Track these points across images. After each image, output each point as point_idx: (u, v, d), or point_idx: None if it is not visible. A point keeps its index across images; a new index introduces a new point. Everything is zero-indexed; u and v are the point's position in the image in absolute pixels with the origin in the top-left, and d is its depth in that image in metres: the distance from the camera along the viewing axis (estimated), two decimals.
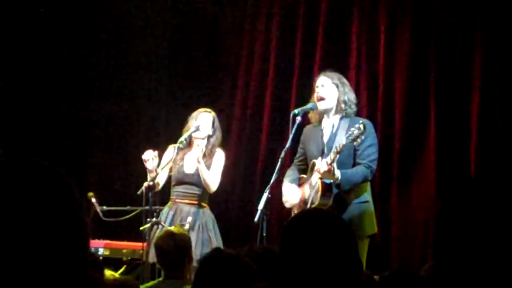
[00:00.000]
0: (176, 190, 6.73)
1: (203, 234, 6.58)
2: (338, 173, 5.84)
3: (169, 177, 6.80)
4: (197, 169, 6.66)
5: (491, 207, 2.22)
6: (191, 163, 6.73)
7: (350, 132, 5.76)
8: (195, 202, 6.67)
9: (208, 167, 6.67)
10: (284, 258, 2.51)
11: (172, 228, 6.01)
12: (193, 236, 6.39)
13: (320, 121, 6.28)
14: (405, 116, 7.54)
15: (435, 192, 7.26)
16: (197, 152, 6.57)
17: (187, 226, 6.37)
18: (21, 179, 1.37)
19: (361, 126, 5.70)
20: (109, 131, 8.57)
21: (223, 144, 7.00)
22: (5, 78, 8.21)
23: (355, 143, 5.79)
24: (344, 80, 6.29)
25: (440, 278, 2.18)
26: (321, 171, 5.83)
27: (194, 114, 6.79)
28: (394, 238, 7.46)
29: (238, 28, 8.48)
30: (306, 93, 7.67)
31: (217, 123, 6.81)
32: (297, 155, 6.47)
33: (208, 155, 6.72)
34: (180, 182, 6.71)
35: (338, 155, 5.80)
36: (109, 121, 8.53)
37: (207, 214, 6.68)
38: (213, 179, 6.65)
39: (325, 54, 7.87)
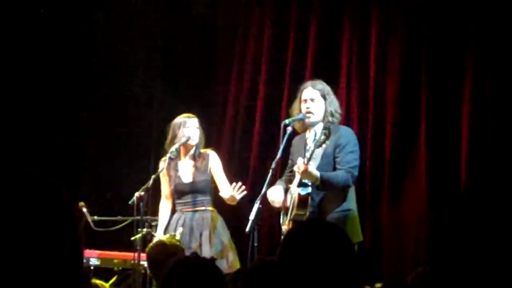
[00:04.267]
0: (180, 201, 6.76)
1: (214, 239, 6.61)
2: (317, 173, 5.88)
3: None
4: (195, 177, 6.69)
5: (483, 219, 2.26)
6: (187, 172, 6.75)
7: (317, 139, 5.84)
8: (203, 209, 6.70)
9: (202, 168, 6.71)
10: (282, 271, 2.53)
11: (163, 237, 6.04)
12: (205, 245, 6.46)
13: (305, 130, 6.31)
14: (396, 127, 7.55)
15: (426, 202, 7.26)
16: (229, 194, 6.53)
17: (178, 236, 6.38)
18: (15, 191, 1.38)
19: (326, 132, 5.77)
20: (101, 141, 8.56)
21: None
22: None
23: (322, 148, 5.86)
24: (329, 89, 6.33)
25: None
26: (300, 171, 5.87)
27: (180, 121, 6.76)
28: (385, 248, 7.46)
29: (230, 40, 8.49)
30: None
31: (200, 125, 6.84)
32: (288, 167, 6.51)
33: (198, 158, 6.75)
34: (182, 193, 6.73)
35: (312, 159, 5.84)
36: (101, 131, 8.52)
37: (216, 218, 6.71)
38: (226, 186, 6.67)
39: (316, 65, 7.89)
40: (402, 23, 7.60)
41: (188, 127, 6.71)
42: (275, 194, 6.24)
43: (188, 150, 6.79)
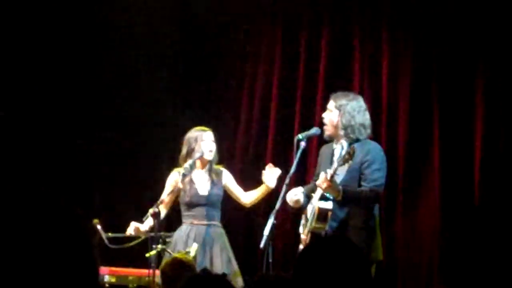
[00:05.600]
0: (191, 213, 6.74)
1: (223, 255, 6.62)
2: (340, 188, 5.80)
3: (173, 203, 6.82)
4: (210, 190, 6.72)
5: (496, 237, 2.25)
6: (203, 184, 6.77)
7: (342, 156, 5.76)
8: (214, 223, 6.71)
9: (217, 183, 6.75)
10: (297, 286, 2.53)
11: (177, 254, 6.03)
12: (217, 258, 6.47)
13: (333, 140, 6.24)
14: (408, 139, 7.54)
15: (439, 216, 7.26)
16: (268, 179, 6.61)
17: (193, 253, 6.37)
18: (28, 211, 1.36)
19: (351, 151, 5.68)
20: (114, 158, 8.56)
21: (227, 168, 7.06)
22: (8, 107, 8.22)
23: (346, 165, 5.77)
24: (353, 103, 6.15)
25: None
26: (322, 187, 5.82)
27: (196, 134, 6.78)
28: (400, 261, 7.44)
29: (241, 57, 8.49)
30: (309, 117, 7.72)
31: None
32: (315, 174, 6.40)
33: (213, 172, 6.79)
34: (194, 205, 6.73)
35: (336, 175, 5.78)
36: (114, 148, 8.53)
37: (223, 234, 6.74)
38: (244, 193, 6.82)
39: (327, 82, 7.88)
40: (413, 39, 7.61)
41: (204, 141, 6.72)
42: (293, 193, 6.18)
43: (204, 164, 6.82)
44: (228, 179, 6.86)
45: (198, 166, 6.82)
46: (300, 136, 6.25)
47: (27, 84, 8.36)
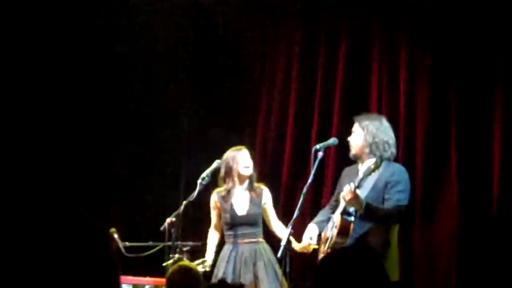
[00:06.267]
0: (232, 232, 6.84)
1: (269, 269, 6.68)
2: (363, 200, 5.80)
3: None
4: (249, 210, 6.81)
5: None
6: (242, 204, 6.86)
7: (367, 167, 5.78)
8: (255, 240, 6.77)
9: (256, 202, 6.84)
10: None
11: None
12: (262, 274, 6.59)
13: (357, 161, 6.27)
14: (426, 148, 7.49)
15: (457, 227, 7.21)
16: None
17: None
18: (50, 224, 1.36)
19: (378, 161, 5.72)
20: (132, 167, 8.59)
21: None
22: (27, 115, 8.25)
23: (371, 178, 5.79)
24: (376, 122, 6.21)
25: None
26: (346, 198, 5.82)
27: (233, 154, 6.88)
28: (417, 275, 7.40)
29: (259, 65, 8.50)
30: (327, 128, 7.71)
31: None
32: (334, 194, 6.45)
33: (253, 191, 6.87)
34: (234, 225, 6.82)
35: (361, 187, 5.79)
36: (132, 158, 8.55)
37: (267, 249, 6.80)
38: (276, 221, 6.96)
39: (345, 90, 7.87)
40: (431, 49, 7.58)
41: (241, 158, 6.84)
42: (305, 236, 6.21)
43: (242, 181, 6.89)
44: (267, 200, 6.95)
45: (237, 183, 6.88)
46: (317, 146, 6.27)
47: (49, 93, 8.41)
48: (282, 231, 6.73)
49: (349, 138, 6.26)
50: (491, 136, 7.22)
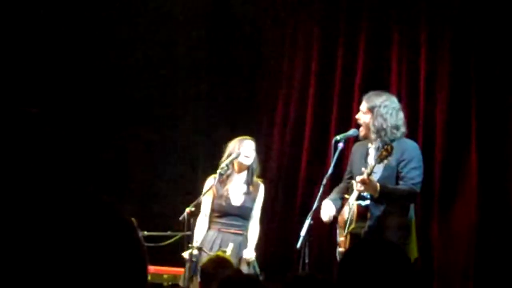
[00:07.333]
0: (221, 221, 6.77)
1: (250, 266, 6.65)
2: (377, 185, 5.80)
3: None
4: (243, 202, 6.75)
5: None
6: (238, 195, 6.80)
7: (378, 153, 5.76)
8: (240, 232, 6.72)
9: (252, 195, 6.78)
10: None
11: (217, 253, 6.06)
12: (243, 266, 6.51)
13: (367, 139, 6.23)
14: (446, 140, 7.46)
15: (476, 218, 7.18)
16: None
17: (229, 252, 6.39)
18: (87, 216, 1.34)
19: (389, 147, 5.68)
20: (149, 156, 8.59)
21: (263, 171, 7.05)
22: (44, 103, 8.26)
23: (383, 163, 5.78)
24: (386, 103, 6.13)
25: None
26: (360, 188, 5.81)
27: (236, 141, 6.82)
28: (436, 264, 7.38)
29: (278, 56, 8.46)
30: (346, 119, 7.67)
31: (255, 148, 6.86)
32: (346, 173, 6.43)
33: (251, 186, 6.78)
34: (225, 214, 6.76)
35: (373, 173, 5.77)
36: (149, 147, 8.56)
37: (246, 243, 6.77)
38: (258, 222, 6.84)
39: (365, 83, 7.81)
40: (451, 43, 7.52)
41: (243, 146, 6.74)
42: (323, 211, 6.19)
43: (241, 169, 6.83)
44: (260, 197, 6.88)
45: (235, 170, 6.83)
46: (338, 137, 6.26)
47: (65, 82, 8.41)
48: (254, 236, 6.74)
49: (357, 116, 6.22)
50: (510, 120, 7.18)
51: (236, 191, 6.82)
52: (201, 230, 6.78)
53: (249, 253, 6.63)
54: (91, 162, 8.36)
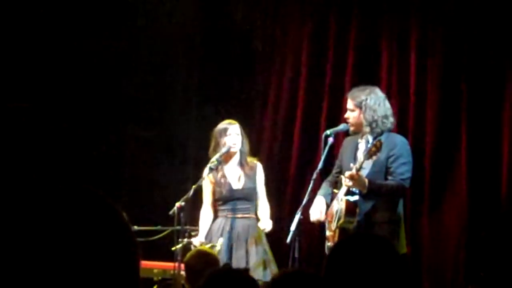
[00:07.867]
0: (226, 207, 6.76)
1: (258, 247, 6.66)
2: (366, 181, 5.82)
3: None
4: (244, 184, 6.73)
5: None
6: (237, 178, 6.78)
7: (368, 149, 5.78)
8: (248, 216, 6.72)
9: (251, 176, 6.76)
10: (329, 283, 2.50)
11: (203, 247, 6.05)
12: (252, 251, 6.55)
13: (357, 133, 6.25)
14: (436, 136, 7.47)
15: (467, 213, 7.20)
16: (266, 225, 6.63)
17: (218, 247, 6.39)
18: (83, 211, 1.35)
19: (378, 143, 5.70)
20: (140, 151, 8.57)
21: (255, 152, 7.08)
22: (36, 98, 8.25)
23: (372, 159, 5.79)
24: (372, 96, 6.16)
25: None
26: (349, 184, 5.83)
27: (222, 128, 6.79)
28: (425, 261, 7.40)
29: (269, 50, 8.46)
30: (337, 113, 7.68)
31: (242, 131, 6.84)
32: (335, 167, 6.45)
33: (246, 165, 6.78)
34: (228, 199, 6.75)
35: (362, 168, 5.79)
36: (140, 142, 8.54)
37: (257, 226, 6.75)
38: (266, 200, 6.83)
39: (355, 77, 7.81)
40: (442, 37, 7.53)
41: (229, 135, 6.72)
42: (313, 210, 6.21)
43: (231, 157, 6.82)
44: (260, 176, 6.88)
45: (227, 160, 6.82)
46: (328, 132, 6.27)
47: (58, 79, 8.38)
48: (266, 211, 6.73)
49: (346, 115, 6.24)
50: (501, 124, 7.19)
51: (233, 175, 6.81)
52: (205, 221, 6.80)
53: (265, 224, 6.60)
54: (83, 158, 8.34)
